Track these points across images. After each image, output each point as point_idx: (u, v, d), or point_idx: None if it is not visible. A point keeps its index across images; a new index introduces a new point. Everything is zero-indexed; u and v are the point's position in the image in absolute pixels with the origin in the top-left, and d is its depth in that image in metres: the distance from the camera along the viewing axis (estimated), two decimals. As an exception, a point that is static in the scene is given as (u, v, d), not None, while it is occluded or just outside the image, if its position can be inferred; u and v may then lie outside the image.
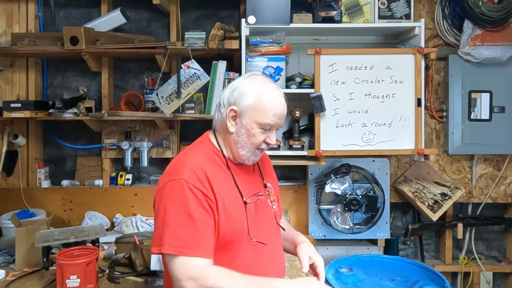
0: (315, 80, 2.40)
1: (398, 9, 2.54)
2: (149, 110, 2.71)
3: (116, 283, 1.88)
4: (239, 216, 1.35)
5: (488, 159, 2.85)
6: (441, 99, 2.84)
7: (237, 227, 1.33)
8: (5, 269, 2.07)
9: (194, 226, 1.23)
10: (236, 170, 1.42)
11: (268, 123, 1.35)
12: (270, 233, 1.45)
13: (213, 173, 1.33)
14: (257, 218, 1.40)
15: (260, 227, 1.40)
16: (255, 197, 1.42)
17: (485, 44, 2.61)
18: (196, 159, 1.35)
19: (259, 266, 1.37)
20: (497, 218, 2.90)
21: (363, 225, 2.59)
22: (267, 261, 1.40)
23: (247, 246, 1.35)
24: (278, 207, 1.56)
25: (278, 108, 1.36)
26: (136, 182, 2.86)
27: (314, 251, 1.46)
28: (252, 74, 1.42)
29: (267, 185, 1.51)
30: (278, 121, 1.37)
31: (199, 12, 2.86)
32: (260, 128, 1.36)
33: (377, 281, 2.23)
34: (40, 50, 2.58)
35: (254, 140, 1.37)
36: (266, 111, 1.34)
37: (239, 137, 1.37)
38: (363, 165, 2.68)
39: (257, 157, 1.43)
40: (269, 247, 1.41)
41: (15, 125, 2.78)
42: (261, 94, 1.35)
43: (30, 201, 2.74)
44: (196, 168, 1.30)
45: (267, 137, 1.39)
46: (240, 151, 1.38)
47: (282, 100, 1.39)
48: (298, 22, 2.43)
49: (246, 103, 1.35)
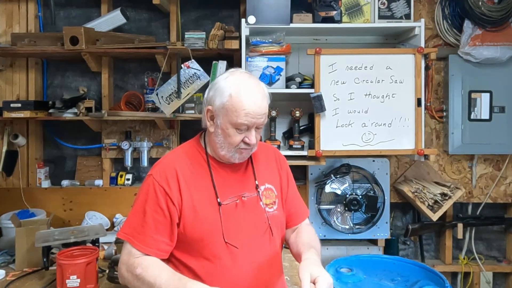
0: (315, 80, 2.40)
1: (398, 9, 2.54)
2: (149, 110, 2.71)
3: (116, 283, 1.88)
4: (210, 217, 1.32)
5: (488, 159, 2.85)
6: (441, 99, 2.84)
7: (207, 228, 1.31)
8: (5, 269, 2.07)
9: (144, 221, 1.30)
10: (219, 169, 1.38)
11: (241, 123, 1.28)
12: (254, 236, 1.37)
13: (188, 172, 1.34)
14: (236, 219, 1.34)
15: (239, 229, 1.34)
16: (236, 198, 1.36)
17: (485, 44, 2.61)
18: (173, 157, 1.39)
19: (235, 270, 1.32)
20: (497, 218, 2.90)
21: (363, 225, 2.59)
22: (245, 265, 1.34)
23: (223, 248, 1.31)
24: (279, 211, 1.45)
25: (251, 106, 1.27)
26: (136, 182, 2.85)
27: (317, 266, 1.24)
28: (232, 71, 1.36)
29: (261, 186, 1.43)
30: (252, 120, 1.28)
31: (199, 12, 2.86)
32: (235, 128, 1.29)
33: (377, 281, 2.23)
34: (40, 50, 2.58)
35: (230, 140, 1.31)
36: (237, 111, 1.27)
37: (216, 137, 1.34)
38: (363, 165, 2.68)
39: (243, 154, 1.36)
40: (250, 251, 1.35)
41: (15, 125, 2.78)
42: (233, 92, 1.28)
43: (30, 201, 2.74)
44: (167, 167, 1.34)
45: (245, 137, 1.31)
46: (220, 151, 1.35)
47: (258, 98, 1.29)
48: (298, 22, 2.43)
49: (219, 102, 1.30)
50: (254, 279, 1.35)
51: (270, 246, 1.42)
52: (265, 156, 1.52)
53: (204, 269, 1.31)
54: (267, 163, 1.51)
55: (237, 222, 1.35)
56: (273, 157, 1.55)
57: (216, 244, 1.31)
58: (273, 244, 1.43)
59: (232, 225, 1.34)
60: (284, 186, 1.52)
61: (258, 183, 1.43)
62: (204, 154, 1.40)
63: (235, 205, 1.36)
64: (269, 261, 1.41)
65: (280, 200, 1.48)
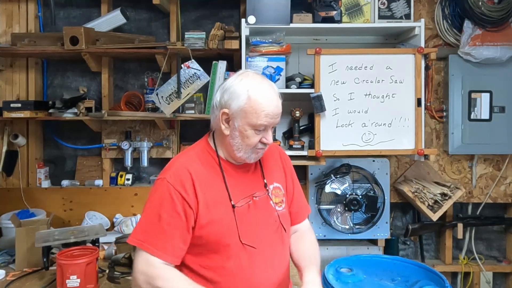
0: (315, 80, 2.40)
1: (398, 9, 2.54)
2: (149, 110, 2.71)
3: (116, 283, 1.89)
4: (226, 218, 1.32)
5: (488, 159, 2.85)
6: (441, 99, 2.84)
7: (223, 230, 1.31)
8: (5, 269, 2.07)
9: (160, 227, 1.27)
10: (230, 171, 1.39)
11: (261, 124, 1.31)
12: (267, 235, 1.39)
13: (202, 175, 1.34)
14: (249, 220, 1.36)
15: (254, 229, 1.36)
16: (249, 199, 1.38)
17: (485, 44, 2.61)
18: (185, 160, 1.37)
19: (252, 270, 1.33)
20: (497, 218, 2.90)
21: (363, 225, 2.59)
22: (262, 265, 1.35)
23: (239, 249, 1.32)
24: (286, 209, 1.48)
25: (270, 107, 1.31)
26: (136, 182, 2.86)
27: None
28: (243, 73, 1.37)
29: (270, 185, 1.45)
30: (271, 120, 1.32)
31: (199, 12, 2.86)
32: (254, 129, 1.32)
33: (377, 281, 2.22)
34: (40, 50, 2.58)
35: (248, 142, 1.33)
36: (257, 112, 1.29)
37: (233, 140, 1.34)
38: (363, 165, 2.68)
39: (259, 154, 1.39)
40: (265, 250, 1.36)
41: (15, 125, 2.78)
42: (251, 94, 1.30)
43: (30, 201, 2.74)
44: (181, 170, 1.32)
45: (263, 137, 1.34)
46: (237, 153, 1.35)
47: (274, 98, 1.33)
48: (298, 22, 2.43)
49: (237, 105, 1.31)
50: (270, 278, 1.37)
51: (282, 244, 1.44)
52: (271, 155, 1.54)
53: (220, 271, 1.31)
54: (273, 162, 1.53)
55: (251, 222, 1.36)
56: (278, 155, 1.57)
57: (233, 246, 1.31)
58: (285, 242, 1.46)
59: (247, 226, 1.34)
60: (289, 185, 1.54)
61: (267, 182, 1.44)
62: (216, 156, 1.40)
63: (248, 206, 1.37)
64: (282, 259, 1.43)
65: (286, 199, 1.50)
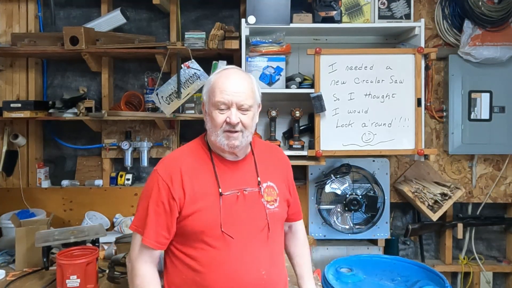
0: (315, 80, 2.40)
1: (398, 9, 2.54)
2: (149, 110, 2.71)
3: (116, 283, 1.88)
4: (211, 207, 1.36)
5: (488, 159, 2.85)
6: (441, 99, 2.84)
7: (207, 218, 1.35)
8: (5, 269, 2.07)
9: (147, 212, 1.38)
10: (222, 166, 1.43)
11: (218, 101, 1.37)
12: (252, 229, 1.40)
13: (193, 168, 1.41)
14: (236, 211, 1.38)
15: (238, 221, 1.38)
16: (238, 191, 1.41)
17: (485, 44, 2.61)
18: (178, 154, 1.47)
19: (230, 259, 1.35)
20: (497, 218, 2.90)
21: (363, 225, 2.59)
22: (245, 258, 1.37)
23: (219, 237, 1.35)
24: (280, 208, 1.47)
25: (225, 84, 1.37)
26: (136, 182, 2.86)
27: None
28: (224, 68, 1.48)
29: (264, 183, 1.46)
30: (228, 97, 1.36)
31: (199, 12, 2.86)
32: (216, 109, 1.38)
33: (377, 281, 2.23)
34: (40, 50, 2.58)
35: (214, 123, 1.38)
36: (214, 91, 1.38)
37: (207, 125, 1.44)
38: (363, 165, 2.68)
39: (230, 140, 1.38)
40: (248, 243, 1.38)
41: (15, 125, 2.78)
42: (213, 78, 1.42)
43: (30, 201, 2.74)
44: (171, 163, 1.42)
45: (227, 117, 1.37)
46: (212, 138, 1.41)
47: (235, 78, 1.40)
48: (298, 22, 2.43)
49: (205, 91, 1.45)
50: (253, 273, 1.38)
51: (268, 242, 1.43)
52: (269, 155, 1.55)
53: (204, 258, 1.36)
54: (271, 162, 1.54)
55: (236, 214, 1.39)
56: (278, 157, 1.59)
57: (214, 233, 1.35)
58: (271, 241, 1.44)
59: (231, 216, 1.37)
60: (287, 186, 1.55)
61: (260, 180, 1.46)
62: (207, 150, 1.45)
63: (236, 197, 1.40)
64: (269, 258, 1.43)
65: (281, 198, 1.50)
